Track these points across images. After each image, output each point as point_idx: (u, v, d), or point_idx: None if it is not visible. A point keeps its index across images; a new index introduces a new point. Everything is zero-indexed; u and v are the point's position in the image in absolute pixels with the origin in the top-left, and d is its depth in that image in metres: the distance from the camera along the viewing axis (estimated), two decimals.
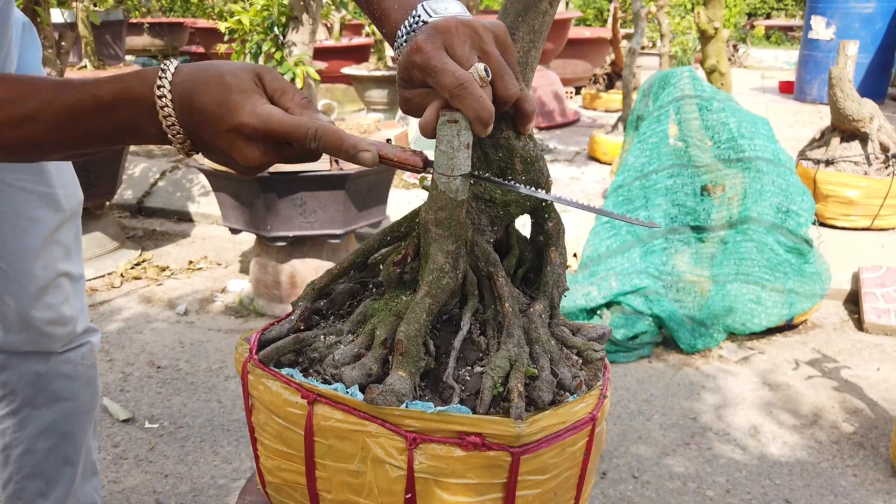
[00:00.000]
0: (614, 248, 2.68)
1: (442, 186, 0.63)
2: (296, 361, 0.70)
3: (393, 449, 0.61)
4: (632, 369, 2.30)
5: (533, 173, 0.70)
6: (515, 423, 0.61)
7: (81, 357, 1.20)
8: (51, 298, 1.12)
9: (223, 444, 1.90)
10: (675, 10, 7.84)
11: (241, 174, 0.65)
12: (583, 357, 0.73)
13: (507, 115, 0.68)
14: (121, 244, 3.20)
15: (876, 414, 2.04)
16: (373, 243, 0.76)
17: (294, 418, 0.65)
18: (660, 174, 2.74)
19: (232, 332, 2.56)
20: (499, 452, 0.61)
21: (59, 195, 1.10)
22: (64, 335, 1.15)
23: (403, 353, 0.63)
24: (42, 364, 1.16)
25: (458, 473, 0.61)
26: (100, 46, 5.61)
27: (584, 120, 5.73)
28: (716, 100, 2.75)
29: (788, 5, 15.71)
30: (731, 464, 1.83)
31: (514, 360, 0.65)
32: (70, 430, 1.21)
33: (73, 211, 1.14)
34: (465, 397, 0.65)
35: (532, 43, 0.75)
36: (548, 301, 0.74)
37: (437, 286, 0.66)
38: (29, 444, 1.18)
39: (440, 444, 0.60)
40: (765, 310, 2.43)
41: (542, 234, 0.76)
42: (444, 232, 0.66)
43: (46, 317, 1.12)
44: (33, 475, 1.20)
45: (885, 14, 5.76)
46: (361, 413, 0.62)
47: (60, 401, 1.19)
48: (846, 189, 3.01)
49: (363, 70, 5.25)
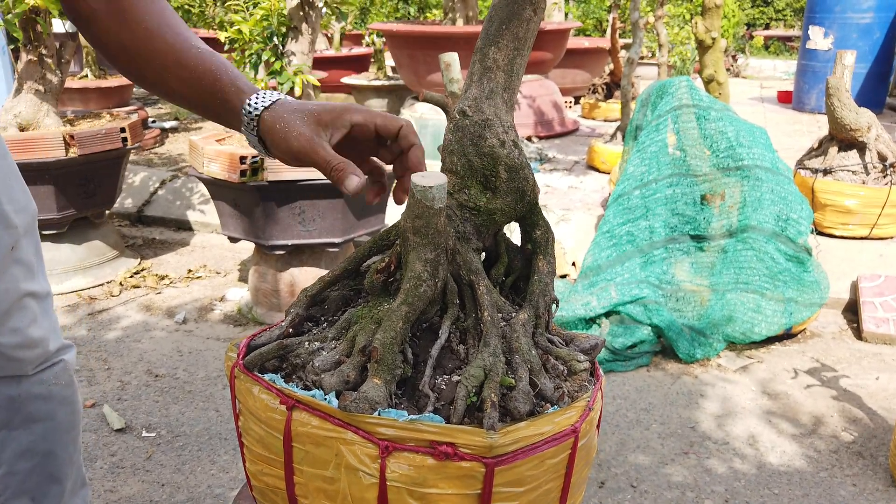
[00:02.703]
0: (614, 257, 2.68)
1: (418, 194, 0.63)
2: (280, 367, 0.70)
3: (366, 457, 0.61)
4: (630, 378, 2.30)
5: (518, 181, 0.70)
6: (488, 434, 0.60)
7: (55, 377, 1.14)
8: (16, 322, 1.05)
9: (220, 453, 1.90)
10: (673, 20, 7.88)
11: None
12: (567, 367, 0.72)
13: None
14: (120, 253, 3.21)
15: (875, 423, 2.03)
16: (364, 251, 0.77)
17: (274, 423, 0.65)
18: (659, 183, 2.74)
19: (230, 340, 2.56)
20: (472, 463, 0.60)
21: (8, 211, 1.02)
22: (34, 358, 1.09)
23: (379, 360, 0.63)
24: (13, 388, 1.10)
25: (430, 483, 0.61)
26: (101, 56, 5.63)
27: (583, 129, 5.75)
28: (713, 109, 2.76)
29: (787, 16, 15.79)
30: (730, 473, 1.83)
31: (489, 369, 0.65)
32: (51, 450, 1.17)
33: (27, 226, 1.06)
34: (441, 406, 0.65)
35: (517, 50, 0.76)
36: (533, 310, 0.73)
37: (414, 294, 0.66)
38: (9, 467, 1.14)
39: (412, 452, 0.60)
40: (764, 319, 2.42)
41: (530, 243, 0.76)
42: (421, 240, 0.66)
43: (13, 341, 1.05)
44: (18, 494, 1.16)
45: (883, 24, 5.79)
46: (336, 420, 0.62)
47: (37, 422, 1.14)
48: (844, 198, 3.02)
49: (363, 79, 5.27)
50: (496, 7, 0.75)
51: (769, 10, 15.89)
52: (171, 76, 0.78)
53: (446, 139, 0.73)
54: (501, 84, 0.74)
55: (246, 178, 2.31)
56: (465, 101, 0.73)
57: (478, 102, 0.72)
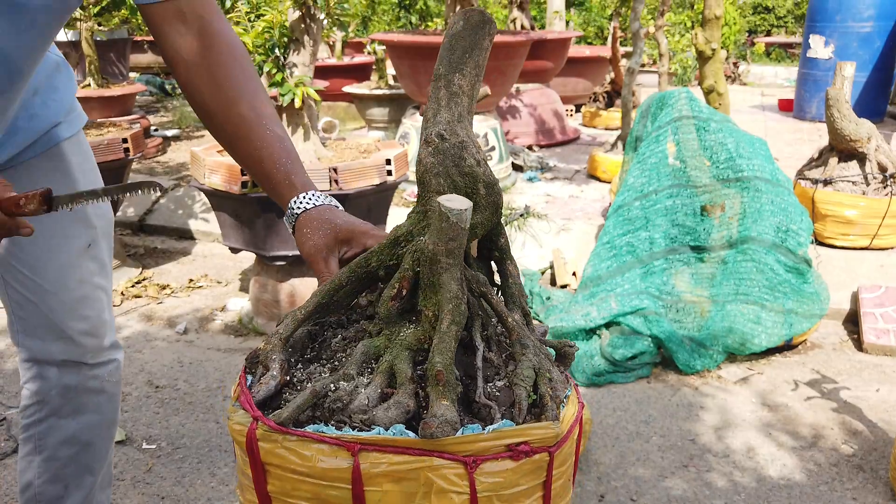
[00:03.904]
0: (614, 268, 2.69)
1: (454, 218, 0.66)
2: (313, 417, 0.67)
3: (454, 476, 0.63)
4: (630, 390, 2.30)
5: (494, 196, 0.76)
6: (554, 425, 0.66)
7: (108, 374, 1.27)
8: (87, 310, 1.18)
9: (220, 465, 1.90)
10: (674, 29, 7.90)
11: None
12: (560, 354, 0.79)
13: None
14: (122, 262, 3.22)
15: (875, 436, 2.03)
16: (339, 282, 0.78)
17: (337, 475, 0.62)
18: (659, 194, 2.75)
19: (231, 351, 2.56)
20: (541, 455, 0.66)
21: (89, 213, 1.17)
22: (95, 346, 1.22)
23: (445, 382, 0.65)
24: (73, 376, 1.22)
25: (513, 483, 0.65)
26: (104, 65, 5.67)
27: (584, 137, 5.76)
28: (713, 120, 2.77)
29: (788, 23, 15.82)
30: (730, 486, 1.82)
31: (538, 367, 0.70)
32: (92, 441, 1.27)
33: (104, 228, 1.22)
34: (505, 411, 0.69)
35: (477, 77, 0.81)
36: (519, 310, 0.78)
37: (458, 313, 0.69)
38: (52, 451, 1.24)
39: (494, 460, 0.64)
40: (765, 330, 2.42)
41: (497, 250, 0.81)
42: (454, 261, 0.69)
43: (82, 327, 1.18)
44: (53, 480, 1.26)
45: (883, 33, 5.80)
46: (416, 450, 0.62)
47: (85, 413, 1.25)
48: (844, 209, 3.02)
49: (364, 88, 5.29)
50: (457, 37, 0.79)
51: (770, 17, 15.93)
52: (239, 145, 0.91)
53: (427, 162, 0.75)
54: (466, 108, 0.78)
55: (247, 190, 2.32)
56: (438, 126, 0.76)
57: (451, 126, 0.76)
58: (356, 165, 2.38)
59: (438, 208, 0.66)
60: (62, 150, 1.14)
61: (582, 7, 11.24)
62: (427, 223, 0.74)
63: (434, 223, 0.67)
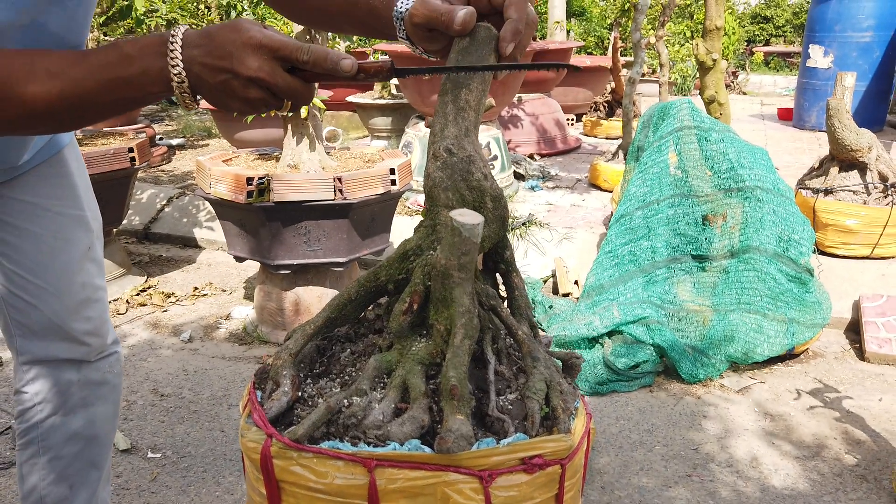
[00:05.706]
0: (616, 277, 2.70)
1: (466, 233, 0.66)
2: (327, 433, 0.67)
3: (470, 490, 0.63)
4: (633, 399, 2.30)
5: (500, 209, 0.76)
6: (566, 437, 0.66)
7: (109, 366, 1.28)
8: (90, 311, 1.21)
9: (225, 474, 1.91)
10: (674, 38, 7.94)
11: (239, 110, 0.73)
12: (567, 365, 0.79)
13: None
14: (127, 270, 3.23)
15: (878, 446, 2.03)
16: (348, 296, 0.78)
17: (353, 491, 0.62)
18: (661, 204, 2.77)
19: (236, 359, 2.57)
20: (554, 467, 0.66)
21: (88, 217, 1.20)
22: (98, 345, 1.24)
23: (459, 397, 0.65)
24: (74, 373, 1.23)
25: (527, 497, 0.65)
26: None
27: (585, 147, 5.79)
28: (714, 130, 2.79)
29: (787, 32, 15.89)
30: (734, 496, 1.83)
31: (549, 380, 0.70)
32: (96, 434, 1.28)
33: (98, 231, 1.25)
34: (517, 424, 0.69)
35: (483, 92, 0.82)
36: (527, 322, 0.78)
37: (470, 327, 0.69)
38: (57, 451, 1.25)
39: (508, 473, 0.64)
40: (767, 339, 2.43)
41: (503, 263, 0.81)
42: (466, 275, 0.69)
43: (85, 328, 1.21)
44: (59, 480, 1.25)
45: (882, 43, 5.83)
46: (431, 465, 0.62)
47: (88, 406, 1.26)
48: (845, 218, 3.03)
49: (367, 98, 5.32)
50: (464, 52, 0.81)
51: (769, 27, 16.00)
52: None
53: (436, 177, 0.76)
54: (473, 122, 0.79)
55: (252, 199, 2.34)
56: (446, 140, 0.77)
57: (459, 140, 0.77)
58: (360, 175, 2.39)
59: (451, 223, 0.66)
60: (63, 157, 1.16)
61: (583, 17, 11.30)
62: (436, 237, 0.75)
63: (446, 238, 0.68)
